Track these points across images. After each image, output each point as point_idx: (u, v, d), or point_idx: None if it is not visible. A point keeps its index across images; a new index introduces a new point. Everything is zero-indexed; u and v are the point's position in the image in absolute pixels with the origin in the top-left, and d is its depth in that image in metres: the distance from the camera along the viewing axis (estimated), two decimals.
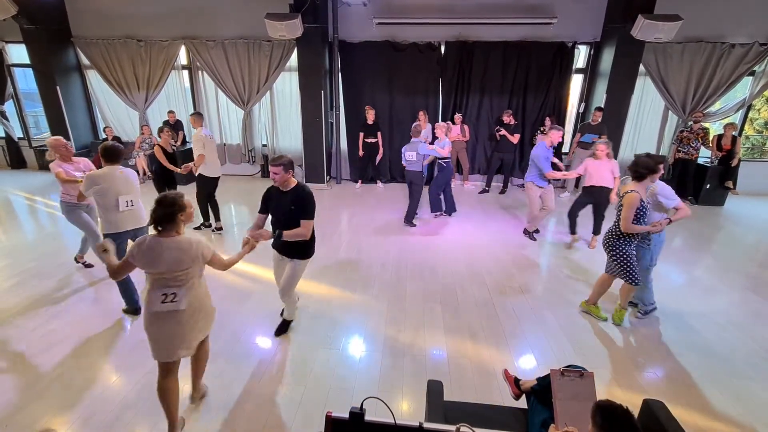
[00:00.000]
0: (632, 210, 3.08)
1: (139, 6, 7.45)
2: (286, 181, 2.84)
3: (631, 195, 3.08)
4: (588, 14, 6.89)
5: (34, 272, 4.20)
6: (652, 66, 6.98)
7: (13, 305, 3.63)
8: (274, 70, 7.50)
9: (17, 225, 5.64)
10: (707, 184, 6.81)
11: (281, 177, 2.79)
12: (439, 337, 3.29)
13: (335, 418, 1.25)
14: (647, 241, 3.36)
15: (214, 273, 4.28)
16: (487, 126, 7.64)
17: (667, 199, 3.28)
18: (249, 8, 7.15)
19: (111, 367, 2.91)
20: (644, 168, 3.10)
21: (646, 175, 3.12)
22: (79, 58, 8.04)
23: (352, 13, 7.12)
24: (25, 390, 2.66)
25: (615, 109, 6.79)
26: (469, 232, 5.52)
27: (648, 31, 5.95)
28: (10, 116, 8.51)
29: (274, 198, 2.91)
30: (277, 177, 2.79)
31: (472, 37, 7.12)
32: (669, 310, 3.72)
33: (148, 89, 7.91)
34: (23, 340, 3.16)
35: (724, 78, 6.91)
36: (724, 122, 7.07)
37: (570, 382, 1.82)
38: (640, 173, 3.13)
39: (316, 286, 4.03)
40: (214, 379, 2.78)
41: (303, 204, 2.82)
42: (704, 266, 4.70)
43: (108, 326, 3.38)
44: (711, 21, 6.69)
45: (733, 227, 6.07)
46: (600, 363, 3.01)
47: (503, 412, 2.16)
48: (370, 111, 7.13)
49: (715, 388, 2.79)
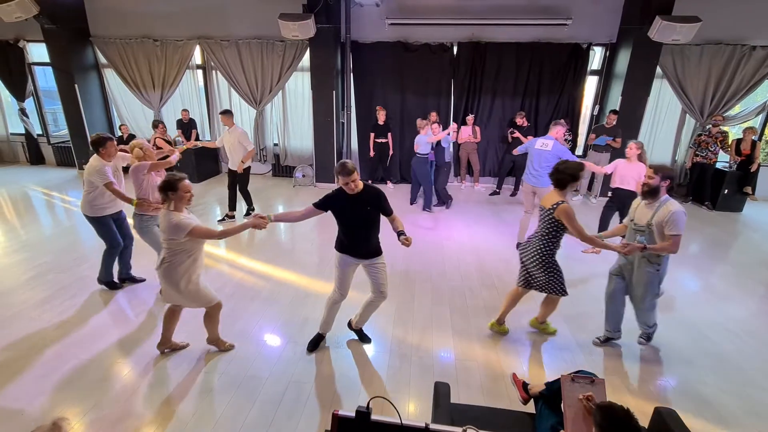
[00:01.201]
0: (575, 219, 2.77)
1: (155, 6, 7.58)
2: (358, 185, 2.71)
3: (564, 206, 2.77)
4: (603, 15, 6.79)
5: (50, 266, 4.30)
6: (670, 68, 6.85)
7: (30, 297, 3.72)
8: (286, 70, 7.56)
9: (35, 220, 5.78)
10: (725, 190, 6.64)
11: (357, 182, 2.66)
12: (446, 339, 3.27)
13: (342, 417, 1.25)
14: (656, 266, 2.83)
15: (225, 270, 4.34)
16: (499, 128, 7.58)
17: (676, 225, 2.68)
18: (263, 9, 7.22)
19: (123, 360, 2.96)
20: (567, 174, 2.81)
21: (568, 181, 2.83)
22: (97, 57, 8.21)
23: (365, 14, 7.14)
24: (40, 382, 2.72)
25: (630, 111, 6.68)
26: (479, 235, 5.49)
27: (665, 32, 5.84)
28: (30, 113, 8.73)
29: (345, 205, 2.72)
30: (355, 183, 2.63)
31: (485, 38, 7.08)
32: (683, 317, 3.64)
33: (163, 88, 8.04)
34: (39, 332, 3.24)
35: (744, 81, 6.74)
36: (744, 126, 6.90)
37: (581, 388, 1.79)
38: (563, 180, 2.84)
39: (324, 285, 4.04)
40: (221, 376, 2.81)
41: (380, 202, 2.75)
42: (720, 273, 4.59)
43: (121, 321, 3.45)
44: (731, 22, 6.53)
45: (751, 234, 5.92)
46: (611, 369, 2.96)
47: (510, 416, 2.14)
48: (381, 111, 7.14)
49: (729, 398, 2.72)
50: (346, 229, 2.80)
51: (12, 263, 4.37)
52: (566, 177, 2.84)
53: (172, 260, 2.60)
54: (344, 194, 2.70)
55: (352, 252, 2.83)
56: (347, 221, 2.78)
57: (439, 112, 7.35)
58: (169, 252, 2.59)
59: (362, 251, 2.84)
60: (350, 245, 2.81)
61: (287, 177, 8.23)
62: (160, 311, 3.56)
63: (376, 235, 2.86)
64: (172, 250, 2.58)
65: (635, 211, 2.92)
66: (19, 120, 8.71)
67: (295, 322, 3.43)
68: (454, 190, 7.66)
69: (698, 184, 6.91)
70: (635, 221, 2.87)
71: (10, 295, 3.75)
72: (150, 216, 3.60)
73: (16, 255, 4.57)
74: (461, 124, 7.43)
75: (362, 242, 2.80)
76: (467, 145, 7.42)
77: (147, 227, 3.61)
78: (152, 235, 3.64)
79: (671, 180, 2.75)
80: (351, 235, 2.79)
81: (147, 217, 3.59)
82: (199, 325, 3.00)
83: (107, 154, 3.55)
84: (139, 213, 3.56)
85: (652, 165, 2.84)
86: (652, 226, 2.76)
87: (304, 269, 4.35)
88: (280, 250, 5.00)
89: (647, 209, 2.81)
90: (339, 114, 7.47)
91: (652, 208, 2.78)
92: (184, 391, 2.67)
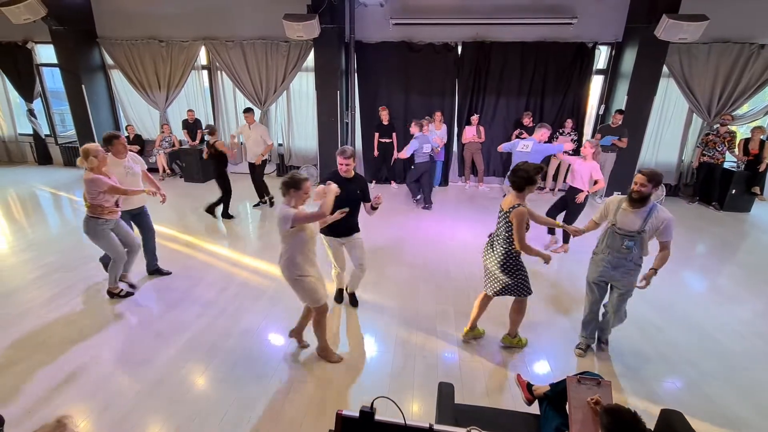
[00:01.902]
0: (524, 227, 2.72)
1: (161, 7, 7.63)
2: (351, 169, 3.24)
3: (520, 210, 2.70)
4: (609, 14, 6.74)
5: (57, 265, 4.34)
6: (676, 67, 6.78)
7: (38, 296, 3.75)
8: (291, 71, 7.58)
9: (42, 219, 5.84)
10: (733, 190, 6.57)
11: (351, 167, 3.21)
12: (451, 339, 3.27)
13: (345, 417, 1.25)
14: (640, 260, 2.81)
15: (230, 270, 4.36)
16: (503, 127, 7.55)
17: (670, 232, 2.72)
18: (267, 9, 7.24)
19: (128, 360, 2.98)
20: (523, 176, 2.73)
21: (524, 184, 2.74)
22: (104, 58, 8.28)
23: (369, 14, 7.14)
24: (47, 380, 2.75)
25: (636, 111, 6.63)
26: (482, 235, 5.46)
27: (672, 31, 5.79)
28: (38, 114, 8.83)
29: (340, 185, 2.89)
30: (350, 167, 3.19)
31: (490, 38, 7.06)
32: (690, 318, 3.61)
33: (169, 89, 8.09)
34: (46, 331, 3.27)
35: (752, 80, 6.66)
36: (752, 125, 6.82)
37: (587, 390, 1.78)
38: (518, 182, 2.75)
39: (328, 285, 4.04)
40: (226, 375, 2.82)
41: (366, 188, 3.32)
42: (728, 274, 4.54)
43: (127, 320, 3.47)
44: (739, 21, 6.46)
45: (759, 234, 5.85)
46: (617, 370, 2.94)
47: (515, 417, 2.13)
48: (384, 111, 7.14)
49: (736, 400, 2.69)
50: (336, 208, 2.96)
51: (19, 262, 4.41)
52: (521, 180, 2.74)
53: (287, 254, 2.70)
54: (340, 177, 3.15)
55: (335, 233, 3.27)
56: (340, 202, 2.93)
57: (444, 112, 7.35)
58: (284, 246, 2.72)
59: (343, 230, 3.27)
60: (334, 225, 3.13)
61: None
62: (163, 312, 3.58)
63: (356, 216, 3.32)
64: (286, 243, 2.70)
65: (616, 215, 2.80)
66: (27, 120, 8.80)
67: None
68: (458, 190, 7.65)
69: (705, 184, 6.84)
70: (619, 226, 2.77)
71: (17, 294, 3.79)
72: (105, 220, 3.44)
73: (24, 254, 4.62)
74: (466, 124, 7.41)
75: (345, 221, 3.12)
76: (471, 145, 7.40)
77: (102, 231, 3.46)
78: (105, 240, 3.50)
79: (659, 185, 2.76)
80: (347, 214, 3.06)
81: (102, 221, 3.44)
82: (205, 324, 3.01)
83: (116, 152, 3.59)
84: (92, 216, 3.40)
85: (643, 171, 2.70)
86: (644, 233, 2.71)
87: None
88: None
89: (635, 216, 2.72)
90: (343, 114, 7.48)
91: (640, 215, 2.71)
92: (189, 390, 2.68)
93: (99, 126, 8.30)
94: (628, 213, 2.75)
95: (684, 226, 5.90)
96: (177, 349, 3.08)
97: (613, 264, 2.83)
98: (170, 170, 8.20)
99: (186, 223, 5.77)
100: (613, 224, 2.81)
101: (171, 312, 3.57)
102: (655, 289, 4.11)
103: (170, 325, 3.37)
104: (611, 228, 2.82)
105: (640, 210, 2.71)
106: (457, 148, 7.80)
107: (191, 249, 4.85)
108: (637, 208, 2.72)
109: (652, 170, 2.71)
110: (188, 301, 3.74)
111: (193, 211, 6.23)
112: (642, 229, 2.71)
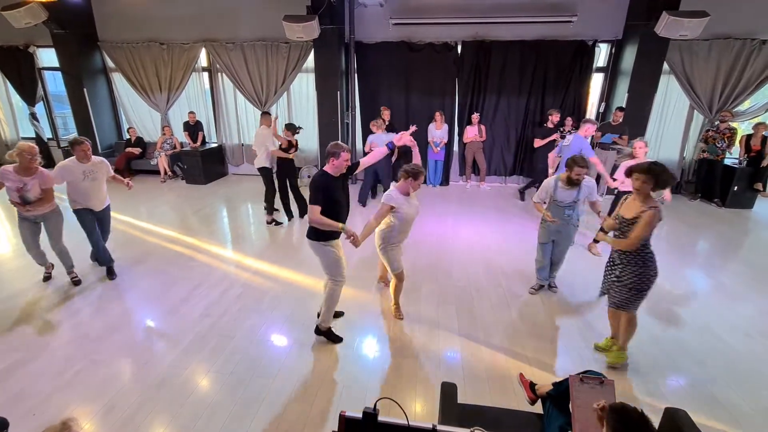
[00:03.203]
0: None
1: (161, 10, 7.65)
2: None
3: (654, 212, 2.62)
4: (609, 12, 6.72)
5: (61, 267, 4.34)
6: (677, 64, 6.76)
7: (41, 298, 3.78)
8: (291, 72, 7.59)
9: None
10: (735, 186, 6.55)
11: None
12: (453, 339, 3.27)
13: (349, 418, 1.25)
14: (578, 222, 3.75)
15: (232, 271, 4.37)
16: (504, 126, 7.55)
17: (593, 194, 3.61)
18: (267, 11, 7.25)
19: (132, 360, 2.99)
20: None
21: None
22: (105, 61, 8.31)
23: (369, 14, 7.14)
24: (52, 381, 2.76)
25: (637, 108, 6.61)
26: (485, 234, 5.47)
27: (673, 28, 5.77)
28: (40, 117, 8.86)
29: (337, 185, 2.87)
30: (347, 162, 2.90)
31: (490, 37, 7.05)
32: (693, 316, 3.60)
33: (170, 91, 8.11)
34: (50, 333, 3.29)
35: (753, 76, 6.63)
36: (753, 122, 6.79)
37: (590, 389, 1.78)
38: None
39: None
40: (229, 376, 2.82)
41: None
42: (731, 272, 4.53)
43: (129, 320, 3.49)
44: (740, 17, 6.44)
45: (762, 231, 5.83)
46: (620, 369, 2.93)
47: (518, 416, 2.13)
48: (386, 111, 7.13)
49: (741, 398, 2.68)
50: (340, 208, 2.92)
51: (23, 265, 4.43)
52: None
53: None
54: (331, 177, 2.87)
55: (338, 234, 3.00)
56: (341, 198, 2.92)
57: (444, 112, 7.34)
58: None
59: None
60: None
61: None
62: (166, 313, 3.60)
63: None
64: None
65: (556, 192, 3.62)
66: (29, 124, 8.84)
67: (302, 322, 3.43)
68: (459, 189, 7.64)
69: (707, 181, 6.82)
70: (560, 200, 3.60)
71: (21, 297, 3.81)
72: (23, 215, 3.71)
73: (27, 257, 4.62)
74: (467, 123, 7.41)
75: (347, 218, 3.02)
76: (473, 144, 7.40)
77: (19, 222, 3.76)
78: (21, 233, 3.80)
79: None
80: (343, 213, 2.97)
81: (20, 215, 3.73)
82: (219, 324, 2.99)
83: (78, 156, 3.80)
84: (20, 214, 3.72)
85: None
86: (578, 201, 3.60)
87: (311, 270, 4.35)
88: (287, 251, 5.02)
89: (572, 191, 3.57)
90: (344, 114, 7.49)
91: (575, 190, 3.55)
92: (192, 391, 2.69)
93: (101, 129, 8.33)
94: (566, 190, 3.57)
95: (686, 224, 5.88)
96: (181, 349, 3.09)
97: (558, 228, 3.69)
98: (172, 172, 8.22)
99: (188, 224, 5.78)
100: (554, 200, 3.62)
101: (174, 313, 3.58)
102: (660, 288, 4.11)
103: (174, 326, 3.39)
104: (554, 203, 3.62)
105: (575, 188, 3.55)
106: (458, 147, 7.79)
107: (193, 251, 4.86)
108: (573, 187, 3.54)
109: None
110: (191, 302, 3.75)
111: (194, 213, 6.24)
112: (576, 199, 3.57)
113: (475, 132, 7.26)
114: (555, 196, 3.61)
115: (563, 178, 3.56)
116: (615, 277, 2.86)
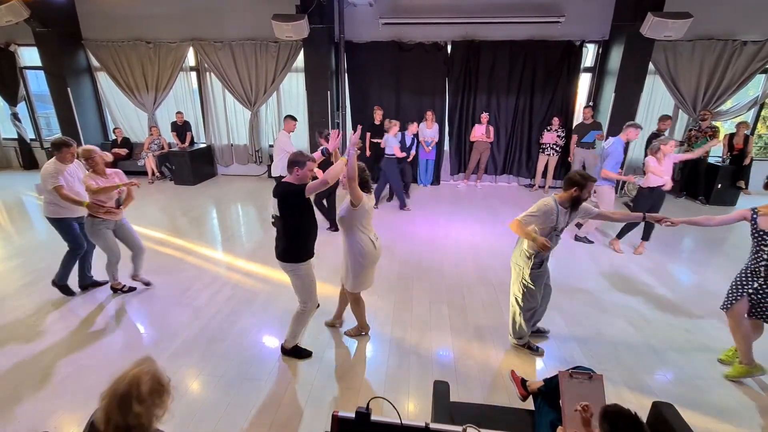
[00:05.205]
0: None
1: (147, 8, 7.53)
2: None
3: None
4: (596, 13, 6.82)
5: (45, 272, 4.25)
6: (662, 64, 6.89)
7: (27, 302, 3.69)
8: (280, 71, 7.54)
9: (29, 225, 5.74)
10: (719, 184, 6.70)
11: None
12: (445, 337, 3.28)
13: (341, 418, 1.25)
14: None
15: (223, 273, 4.32)
16: (494, 126, 7.60)
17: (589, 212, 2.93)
18: (256, 10, 7.19)
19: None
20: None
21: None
22: (90, 60, 8.15)
23: (358, 14, 7.13)
24: (38, 387, 2.70)
25: (624, 108, 6.72)
26: (476, 233, 5.50)
27: (657, 28, 5.88)
28: (23, 118, 8.66)
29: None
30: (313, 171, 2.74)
31: (479, 37, 7.10)
32: (679, 311, 3.67)
33: (157, 91, 8.00)
34: (36, 337, 3.22)
35: (735, 76, 6.80)
36: (736, 121, 6.96)
37: (578, 384, 1.80)
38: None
39: (322, 287, 4.03)
40: (220, 378, 2.80)
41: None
42: (715, 266, 4.63)
43: (119, 326, 3.43)
44: (722, 18, 6.59)
45: (745, 227, 5.93)
46: (609, 365, 2.98)
47: (510, 413, 2.15)
48: (378, 111, 7.13)
49: (727, 391, 2.75)
50: (312, 220, 2.76)
51: (7, 270, 4.33)
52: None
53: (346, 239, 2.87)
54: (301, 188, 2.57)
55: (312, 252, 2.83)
56: (312, 212, 2.75)
57: (435, 111, 7.37)
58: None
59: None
60: (312, 242, 2.80)
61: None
62: (156, 316, 3.55)
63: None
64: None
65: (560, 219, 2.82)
66: (11, 125, 8.63)
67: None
68: (451, 189, 7.68)
69: (691, 179, 6.96)
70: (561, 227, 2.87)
71: (5, 302, 3.72)
72: (102, 219, 3.51)
73: (11, 261, 4.53)
74: (475, 122, 7.45)
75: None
76: (480, 144, 7.42)
77: (99, 231, 3.54)
78: (104, 239, 3.58)
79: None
80: (314, 226, 2.79)
81: (98, 221, 3.51)
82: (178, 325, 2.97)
83: (62, 158, 3.52)
84: (90, 215, 3.50)
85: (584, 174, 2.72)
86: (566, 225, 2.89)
87: None
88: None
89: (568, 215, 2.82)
90: (334, 114, 7.46)
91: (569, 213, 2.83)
92: (183, 394, 2.66)
93: (86, 129, 8.17)
94: (566, 213, 2.81)
95: None
96: (171, 352, 3.05)
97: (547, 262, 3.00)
98: (160, 173, 8.11)
99: (176, 226, 5.71)
100: (553, 227, 2.78)
101: (164, 316, 3.53)
102: (644, 282, 4.19)
103: (164, 329, 3.34)
104: (553, 232, 2.80)
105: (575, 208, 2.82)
106: (448, 147, 7.83)
107: (183, 252, 4.80)
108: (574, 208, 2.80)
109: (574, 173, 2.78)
110: (181, 304, 3.70)
111: (183, 214, 6.16)
112: (569, 221, 2.87)
113: (483, 131, 7.29)
114: (558, 224, 2.77)
115: (565, 197, 2.76)
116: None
